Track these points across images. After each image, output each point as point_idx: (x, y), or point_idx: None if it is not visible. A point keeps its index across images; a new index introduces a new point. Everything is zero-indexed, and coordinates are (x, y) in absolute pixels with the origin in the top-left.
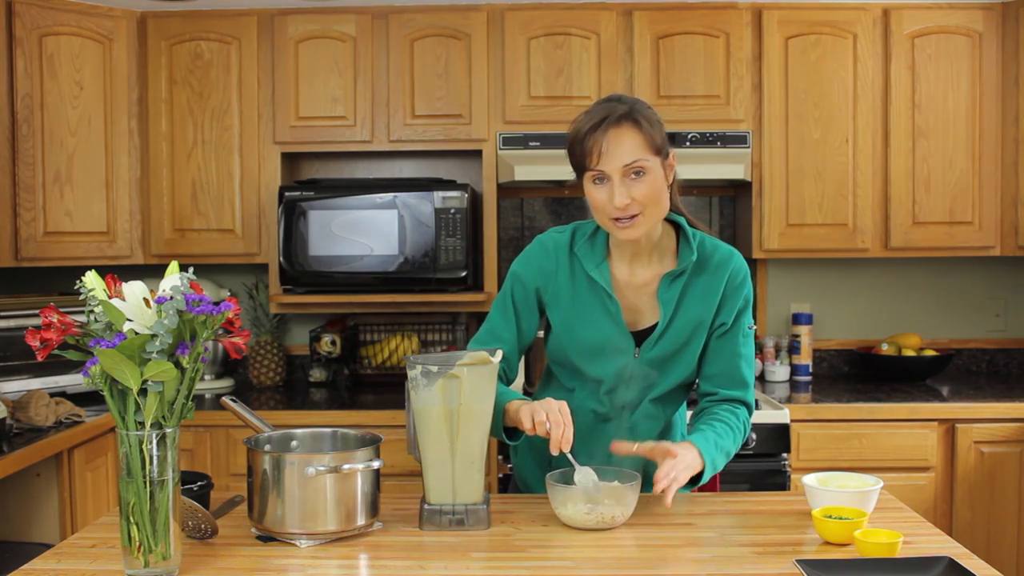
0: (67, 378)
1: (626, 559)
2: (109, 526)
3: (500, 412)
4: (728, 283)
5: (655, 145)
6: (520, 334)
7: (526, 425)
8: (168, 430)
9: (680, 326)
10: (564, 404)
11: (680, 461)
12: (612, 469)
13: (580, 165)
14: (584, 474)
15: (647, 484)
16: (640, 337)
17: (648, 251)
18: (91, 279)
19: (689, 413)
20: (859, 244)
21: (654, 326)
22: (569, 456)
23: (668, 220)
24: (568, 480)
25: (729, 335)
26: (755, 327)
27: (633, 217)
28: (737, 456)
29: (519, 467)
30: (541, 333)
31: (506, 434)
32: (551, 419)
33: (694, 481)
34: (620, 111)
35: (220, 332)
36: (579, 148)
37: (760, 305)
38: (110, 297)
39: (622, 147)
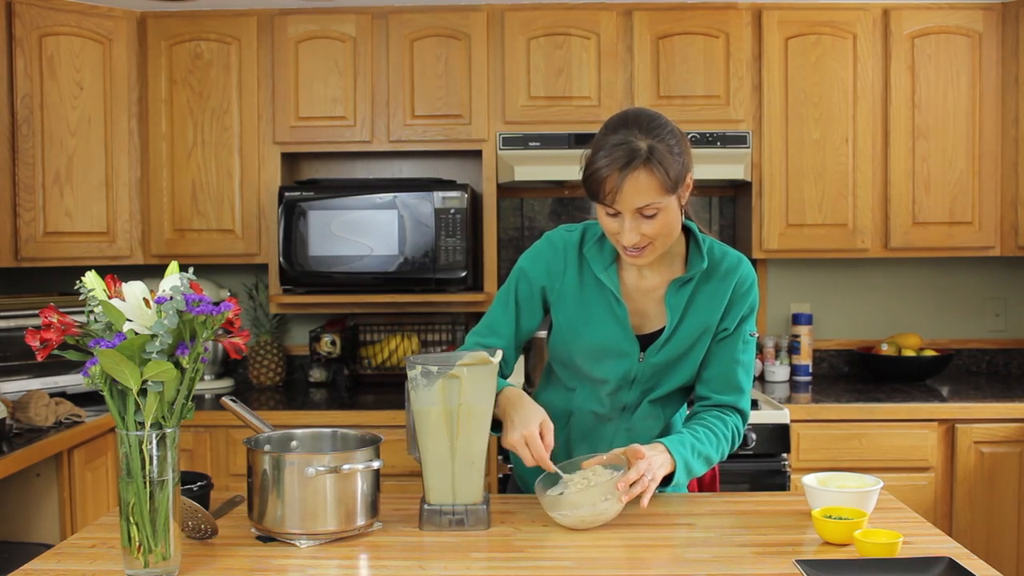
0: (67, 378)
1: (626, 559)
2: (109, 526)
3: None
4: (735, 290)
5: (670, 186)
6: (519, 331)
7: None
8: (168, 430)
9: (686, 332)
10: (540, 433)
11: (652, 462)
12: (588, 457)
13: (593, 196)
14: (585, 488)
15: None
16: (645, 341)
17: (658, 257)
18: (91, 279)
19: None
20: (859, 244)
21: (660, 331)
22: (559, 472)
23: None
24: (555, 483)
25: (729, 340)
26: (757, 334)
27: (642, 248)
28: (737, 456)
29: (518, 466)
30: (543, 333)
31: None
32: (523, 457)
33: (666, 482)
34: (639, 155)
35: (220, 332)
36: (593, 182)
37: (760, 305)
38: (110, 297)
39: (637, 192)
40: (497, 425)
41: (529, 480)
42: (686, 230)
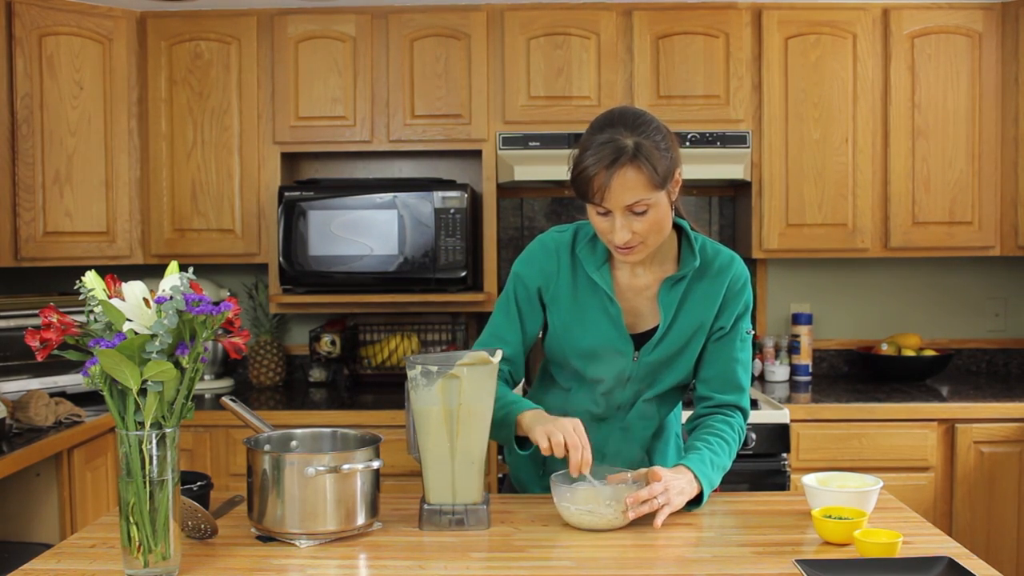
0: (67, 378)
1: (626, 559)
2: (109, 526)
3: (512, 423)
4: (729, 288)
5: (658, 182)
6: (524, 335)
7: (542, 445)
8: (168, 430)
9: (680, 330)
10: (579, 424)
11: (671, 486)
12: (617, 470)
13: (582, 196)
14: (598, 487)
15: None
16: (639, 340)
17: (650, 255)
18: (91, 279)
19: (685, 414)
20: (859, 244)
21: (653, 329)
22: (589, 477)
23: None
24: (572, 480)
25: (727, 339)
26: (753, 332)
27: (633, 247)
28: (737, 456)
29: (514, 467)
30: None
31: (517, 443)
32: (569, 442)
33: (696, 502)
34: (625, 152)
35: (220, 332)
36: (581, 182)
37: (760, 305)
38: (110, 297)
39: (625, 189)
40: (522, 442)
41: (525, 481)
42: (678, 228)
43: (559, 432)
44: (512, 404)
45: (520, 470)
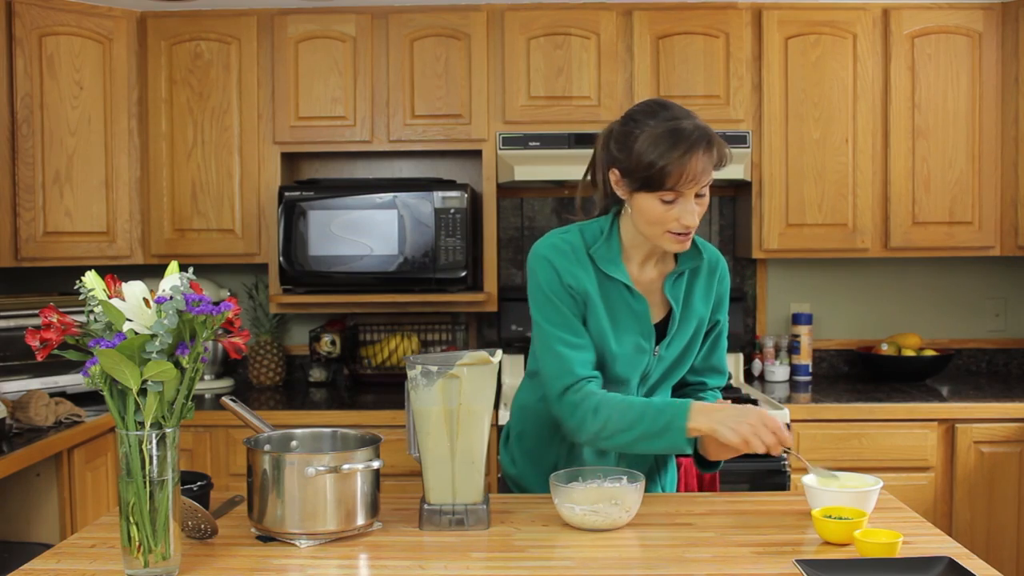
0: (67, 378)
1: (626, 559)
2: (109, 526)
3: (684, 419)
4: (720, 283)
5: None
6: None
7: (738, 447)
8: (168, 430)
9: (687, 323)
10: (767, 418)
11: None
12: (617, 470)
13: (652, 185)
14: (599, 487)
15: (650, 485)
16: (656, 334)
17: (659, 251)
18: (91, 279)
19: None
20: (859, 244)
21: (661, 322)
22: (798, 456)
23: None
24: (572, 480)
25: (720, 332)
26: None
27: (690, 233)
28: (737, 456)
29: (509, 468)
30: None
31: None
32: (769, 445)
33: (711, 465)
34: (699, 135)
35: (220, 332)
36: (657, 170)
37: (760, 305)
38: (110, 297)
39: (705, 172)
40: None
41: (520, 481)
42: None
43: (753, 438)
44: (673, 407)
45: (515, 471)
